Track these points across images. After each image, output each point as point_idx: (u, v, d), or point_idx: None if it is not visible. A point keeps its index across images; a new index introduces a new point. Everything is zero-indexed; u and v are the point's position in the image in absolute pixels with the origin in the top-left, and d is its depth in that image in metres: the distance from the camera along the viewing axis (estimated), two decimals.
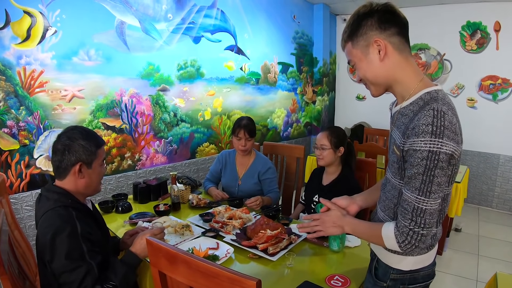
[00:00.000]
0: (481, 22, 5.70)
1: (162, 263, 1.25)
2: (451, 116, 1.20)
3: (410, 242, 1.28)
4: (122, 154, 3.64)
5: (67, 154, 1.73)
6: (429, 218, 1.26)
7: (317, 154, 2.78)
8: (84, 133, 1.79)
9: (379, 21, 1.35)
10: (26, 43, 2.86)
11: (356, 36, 1.40)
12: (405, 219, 1.29)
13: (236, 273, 1.03)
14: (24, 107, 2.89)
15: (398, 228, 1.31)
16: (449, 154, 1.19)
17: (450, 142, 1.18)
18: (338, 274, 1.83)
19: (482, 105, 5.87)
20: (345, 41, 1.46)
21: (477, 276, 3.79)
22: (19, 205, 2.92)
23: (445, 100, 1.28)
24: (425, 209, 1.25)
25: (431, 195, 1.24)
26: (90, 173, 1.81)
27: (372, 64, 1.39)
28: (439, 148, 1.18)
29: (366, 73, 1.43)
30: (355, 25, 1.40)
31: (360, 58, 1.42)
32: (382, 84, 1.44)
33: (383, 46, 1.34)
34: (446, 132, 1.18)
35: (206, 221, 2.50)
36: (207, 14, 4.34)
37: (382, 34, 1.35)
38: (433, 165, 1.20)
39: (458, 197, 4.03)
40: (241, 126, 3.08)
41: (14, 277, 1.66)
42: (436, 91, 1.32)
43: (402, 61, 1.38)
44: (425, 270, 1.47)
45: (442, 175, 1.22)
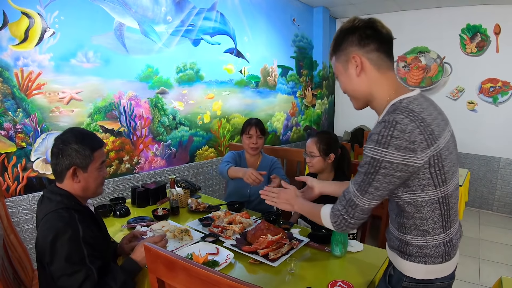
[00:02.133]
0: (481, 25, 5.69)
1: (160, 269, 1.22)
2: (405, 124, 1.24)
3: (339, 224, 1.45)
4: (120, 157, 3.61)
5: (61, 158, 1.71)
6: (360, 213, 1.39)
7: (307, 161, 2.71)
8: (79, 136, 1.75)
9: (359, 37, 1.41)
10: (24, 45, 2.83)
11: (338, 50, 1.48)
12: (340, 204, 1.44)
13: (238, 281, 1.00)
14: (21, 109, 2.86)
15: (333, 210, 1.48)
16: (395, 163, 1.25)
17: (398, 152, 1.24)
18: (341, 280, 1.79)
19: (483, 108, 5.86)
20: (331, 54, 1.55)
21: (479, 280, 3.77)
22: (16, 208, 2.88)
23: (407, 108, 1.30)
24: (357, 204, 1.38)
25: (366, 195, 1.34)
26: (86, 177, 1.76)
27: (350, 79, 1.47)
28: (382, 156, 1.26)
29: (346, 86, 1.52)
30: (339, 40, 1.48)
31: (341, 72, 1.51)
32: (361, 99, 1.52)
33: (359, 62, 1.41)
34: (394, 142, 1.23)
35: (206, 226, 2.47)
36: (207, 16, 4.32)
37: (360, 50, 1.41)
38: (374, 170, 1.29)
39: (459, 201, 4.00)
40: (252, 124, 3.10)
41: (9, 282, 1.62)
42: (401, 100, 1.35)
43: (379, 77, 1.43)
44: (439, 282, 1.43)
45: (383, 180, 1.29)
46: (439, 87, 6.17)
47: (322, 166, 2.65)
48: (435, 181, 1.30)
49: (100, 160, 1.81)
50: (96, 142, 1.82)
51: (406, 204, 1.37)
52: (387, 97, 1.41)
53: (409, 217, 1.39)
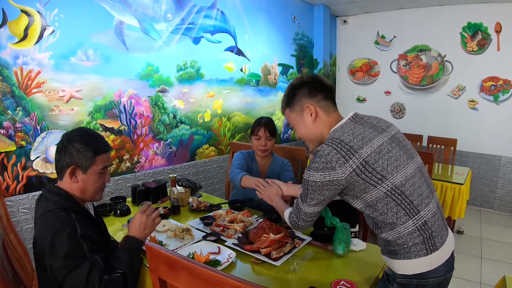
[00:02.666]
0: (482, 23, 5.68)
1: (162, 269, 1.20)
2: (323, 150, 1.50)
3: (292, 224, 1.79)
4: (121, 156, 3.59)
5: (63, 154, 1.70)
6: (304, 216, 1.70)
7: (310, 159, 2.68)
8: (84, 136, 1.73)
9: (309, 90, 1.70)
10: (23, 43, 2.81)
11: (292, 103, 1.75)
12: (293, 209, 1.77)
13: (241, 280, 0.98)
14: (21, 108, 2.84)
15: (289, 214, 1.81)
16: (318, 182, 1.52)
17: (317, 173, 1.50)
18: (344, 279, 1.78)
19: (483, 106, 5.85)
20: (284, 108, 1.82)
21: (481, 279, 3.75)
22: (15, 207, 2.87)
23: (330, 138, 1.57)
24: (301, 209, 1.69)
25: (305, 202, 1.65)
26: (85, 179, 1.74)
27: (306, 125, 1.72)
28: (308, 177, 1.56)
29: (302, 132, 1.77)
30: (291, 94, 1.75)
31: (297, 120, 1.76)
32: (315, 140, 1.75)
33: (313, 110, 1.68)
34: (313, 166, 1.52)
35: (207, 225, 2.45)
36: (207, 14, 4.30)
37: (312, 100, 1.69)
38: (305, 187, 1.60)
39: (461, 199, 4.00)
40: (261, 124, 2.96)
41: (8, 282, 1.61)
42: (331, 132, 1.63)
43: (327, 119, 1.69)
44: (434, 278, 1.48)
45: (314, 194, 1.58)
46: (440, 86, 6.16)
47: None
48: (371, 182, 1.47)
49: (102, 165, 1.78)
50: (102, 146, 1.79)
51: (363, 207, 1.55)
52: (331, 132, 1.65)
53: (372, 216, 1.54)
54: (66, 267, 1.52)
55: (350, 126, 1.58)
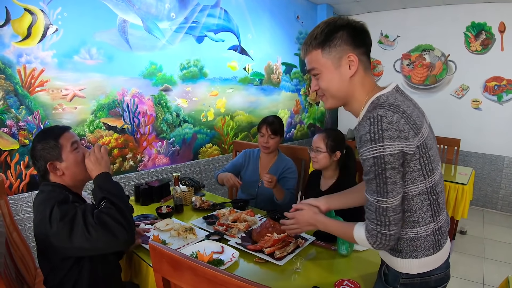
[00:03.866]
0: (485, 22, 5.66)
1: (165, 269, 1.19)
2: (390, 116, 1.24)
3: (381, 242, 1.35)
4: (124, 155, 3.59)
5: (36, 161, 1.74)
6: (393, 214, 1.31)
7: (312, 157, 2.66)
8: (39, 135, 1.77)
9: (353, 37, 1.38)
10: (27, 41, 2.81)
11: (329, 45, 1.40)
12: (372, 221, 1.36)
13: (245, 280, 0.97)
14: (24, 106, 2.85)
15: (368, 231, 1.38)
16: (396, 154, 1.24)
17: (394, 142, 1.23)
18: (347, 279, 1.77)
19: (487, 106, 5.82)
20: (314, 47, 1.44)
21: (484, 280, 3.74)
22: (19, 206, 2.87)
23: (386, 103, 1.31)
24: (386, 207, 1.30)
25: (389, 194, 1.28)
26: (66, 166, 1.75)
27: (340, 77, 1.42)
28: (382, 151, 1.24)
29: (331, 84, 1.45)
30: (330, 34, 1.40)
31: (328, 69, 1.43)
32: (341, 98, 1.48)
33: (356, 62, 1.39)
34: (386, 134, 1.23)
35: (210, 224, 2.45)
36: (211, 13, 4.30)
37: (355, 51, 1.39)
38: (382, 168, 1.26)
39: (464, 199, 3.97)
40: (265, 123, 3.04)
41: (11, 280, 1.60)
42: (378, 97, 1.37)
43: (364, 77, 1.43)
44: (437, 274, 1.43)
45: (395, 174, 1.27)
46: (444, 85, 6.14)
47: (327, 162, 2.61)
48: (423, 172, 1.31)
49: (69, 143, 1.77)
50: (57, 130, 1.80)
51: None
52: (366, 96, 1.42)
53: None
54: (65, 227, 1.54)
55: (400, 98, 1.37)
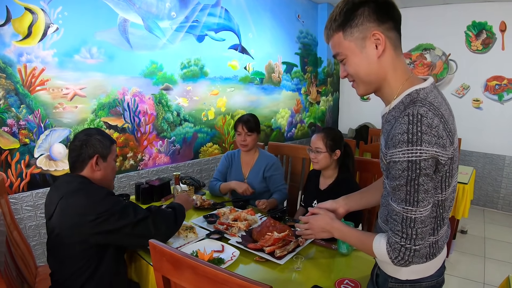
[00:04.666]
0: (486, 22, 5.65)
1: (166, 267, 1.19)
2: (431, 118, 1.11)
3: (403, 258, 1.22)
4: (124, 154, 3.59)
5: (84, 148, 1.89)
6: (421, 226, 1.18)
7: (312, 158, 2.65)
8: (99, 130, 2.02)
9: (377, 13, 1.23)
10: (27, 41, 2.81)
11: (350, 26, 1.26)
12: (396, 234, 1.22)
13: (246, 279, 0.97)
14: (25, 106, 2.85)
15: (390, 244, 1.24)
16: (430, 160, 1.12)
17: (432, 148, 1.11)
18: (348, 278, 1.77)
19: (488, 106, 5.82)
20: (334, 30, 1.30)
21: (484, 279, 3.73)
22: (19, 205, 2.87)
23: (426, 100, 1.18)
24: (415, 218, 1.17)
25: (420, 203, 1.16)
26: (106, 166, 1.96)
27: (368, 60, 1.27)
28: (419, 156, 1.11)
29: (358, 68, 1.30)
30: (349, 13, 1.25)
31: (353, 52, 1.28)
32: (373, 83, 1.33)
33: (383, 40, 1.23)
34: (425, 138, 1.10)
35: (211, 223, 2.45)
36: (211, 12, 4.30)
37: (380, 27, 1.23)
38: (416, 174, 1.13)
39: (465, 199, 3.97)
40: (240, 121, 3.10)
41: (11, 279, 1.60)
42: (417, 90, 1.23)
43: (396, 58, 1.28)
44: (427, 281, 1.35)
45: (428, 181, 1.15)
46: (444, 85, 6.13)
47: (328, 162, 2.61)
48: (442, 185, 1.22)
49: (115, 154, 2.05)
50: (112, 138, 2.06)
51: None
52: (400, 84, 1.28)
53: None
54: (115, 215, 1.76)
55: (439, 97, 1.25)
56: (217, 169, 3.35)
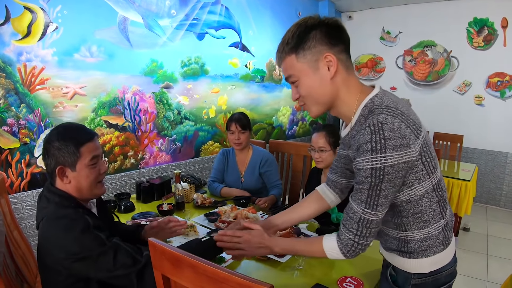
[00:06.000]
0: (488, 18, 5.63)
1: (165, 266, 1.18)
2: (391, 122, 1.17)
3: (355, 251, 1.31)
4: (125, 152, 3.58)
5: (47, 158, 1.57)
6: (375, 226, 1.28)
7: (316, 157, 2.63)
8: (61, 132, 1.57)
9: (328, 36, 1.28)
10: (27, 40, 2.80)
11: (303, 49, 1.30)
12: (350, 231, 1.30)
13: (246, 277, 0.96)
14: (25, 105, 2.84)
15: (341, 241, 1.33)
16: (396, 165, 1.17)
17: (396, 152, 1.16)
18: (350, 276, 1.76)
19: (490, 102, 5.80)
20: (287, 53, 1.34)
21: (487, 277, 3.73)
22: (20, 204, 2.86)
23: (382, 106, 1.24)
24: (371, 220, 1.26)
25: (378, 207, 1.24)
26: (76, 176, 1.58)
27: (321, 81, 1.31)
28: (383, 163, 1.17)
29: (312, 90, 1.34)
30: (302, 36, 1.30)
31: (306, 74, 1.32)
32: (326, 103, 1.37)
33: (335, 62, 1.28)
34: (389, 143, 1.16)
35: (212, 221, 2.45)
36: (211, 10, 4.28)
37: (332, 50, 1.28)
38: (379, 180, 1.20)
39: (467, 196, 3.97)
40: (232, 120, 3.10)
41: (11, 279, 1.59)
42: (372, 99, 1.29)
43: (348, 78, 1.33)
44: (447, 270, 1.41)
45: (390, 187, 1.21)
46: (446, 81, 6.11)
47: (332, 160, 2.59)
48: (428, 170, 1.26)
49: (90, 156, 1.60)
50: (83, 135, 1.61)
51: (404, 203, 1.31)
52: (355, 99, 1.33)
53: (408, 214, 1.33)
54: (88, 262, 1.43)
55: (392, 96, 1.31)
56: (214, 168, 3.34)
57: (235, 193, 3.05)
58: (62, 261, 1.44)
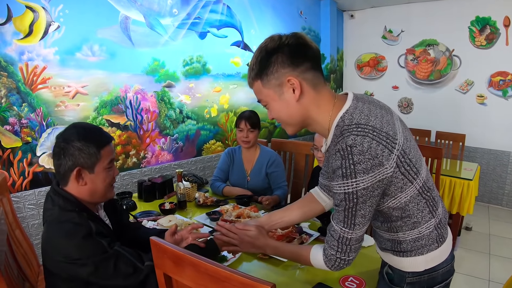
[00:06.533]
0: (490, 17, 5.60)
1: (167, 265, 1.18)
2: (360, 144, 1.14)
3: (339, 265, 1.33)
4: (127, 151, 3.59)
5: (63, 158, 1.50)
6: (355, 243, 1.29)
7: (318, 156, 2.62)
8: (81, 133, 1.53)
9: (290, 57, 1.25)
10: (29, 39, 2.81)
11: (266, 74, 1.28)
12: (332, 247, 1.32)
13: (248, 276, 0.96)
14: (27, 104, 2.84)
15: (326, 256, 1.35)
16: (370, 187, 1.18)
17: (368, 175, 1.15)
18: (352, 275, 1.76)
19: (492, 101, 5.77)
20: (253, 79, 1.33)
21: (489, 276, 3.71)
22: (22, 203, 2.87)
23: (352, 125, 1.21)
24: (350, 238, 1.27)
25: (356, 226, 1.25)
26: (93, 178, 1.55)
27: (287, 104, 1.30)
28: (355, 187, 1.17)
29: (280, 113, 1.35)
30: (264, 62, 1.27)
31: (273, 98, 1.32)
32: (298, 124, 1.36)
33: (298, 84, 1.25)
34: (359, 168, 1.15)
35: (214, 220, 2.44)
36: (213, 9, 4.28)
37: (295, 71, 1.25)
38: (353, 203, 1.21)
39: (470, 195, 3.95)
40: (242, 117, 3.08)
41: (13, 278, 1.59)
42: (342, 117, 1.25)
43: (317, 96, 1.30)
44: (443, 268, 1.40)
45: (366, 207, 1.22)
46: (448, 80, 6.09)
47: None
48: (409, 177, 1.24)
49: (109, 159, 1.59)
50: (103, 137, 1.59)
51: (392, 210, 1.31)
52: (328, 117, 1.30)
53: (398, 219, 1.34)
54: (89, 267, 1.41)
55: (364, 107, 1.26)
56: (217, 167, 3.33)
57: (237, 192, 3.04)
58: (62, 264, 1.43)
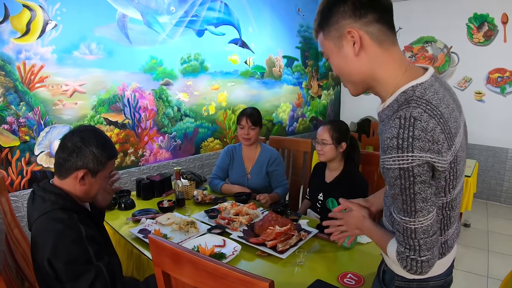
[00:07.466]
0: (488, 14, 5.60)
1: (166, 262, 1.18)
2: (425, 121, 1.02)
3: (412, 268, 1.15)
4: (125, 150, 3.58)
5: (75, 156, 1.57)
6: (424, 236, 1.11)
7: (318, 149, 2.67)
8: (101, 141, 1.63)
9: (353, 7, 1.13)
10: (26, 38, 2.80)
11: (327, 25, 1.19)
12: (400, 243, 1.17)
13: (246, 273, 0.96)
14: (24, 103, 2.84)
15: (398, 253, 1.18)
16: (426, 165, 1.04)
17: (426, 154, 1.02)
18: (351, 272, 1.76)
19: (490, 98, 5.77)
20: (316, 30, 1.26)
21: (488, 272, 3.72)
22: (20, 203, 2.87)
23: (422, 99, 1.08)
24: (415, 229, 1.10)
25: (418, 213, 1.08)
26: (92, 183, 1.65)
27: (347, 59, 1.20)
28: (411, 163, 1.02)
29: (340, 69, 1.25)
30: (326, 11, 1.19)
31: (332, 51, 1.23)
32: (359, 83, 1.25)
33: (358, 37, 1.14)
34: (417, 144, 1.01)
35: (212, 218, 2.45)
36: (211, 7, 4.27)
37: (357, 23, 1.13)
38: (410, 182, 1.05)
39: (468, 192, 3.96)
40: (244, 114, 3.07)
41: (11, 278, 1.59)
42: (414, 87, 1.12)
43: (382, 54, 1.17)
44: (435, 281, 1.31)
45: (426, 188, 1.06)
46: (446, 77, 6.08)
47: (333, 154, 2.62)
48: (446, 188, 1.15)
49: (111, 169, 1.74)
50: (114, 151, 1.74)
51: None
52: (395, 80, 1.16)
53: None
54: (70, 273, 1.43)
55: (440, 90, 1.14)
56: (216, 165, 3.32)
57: (235, 189, 3.03)
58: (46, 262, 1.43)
